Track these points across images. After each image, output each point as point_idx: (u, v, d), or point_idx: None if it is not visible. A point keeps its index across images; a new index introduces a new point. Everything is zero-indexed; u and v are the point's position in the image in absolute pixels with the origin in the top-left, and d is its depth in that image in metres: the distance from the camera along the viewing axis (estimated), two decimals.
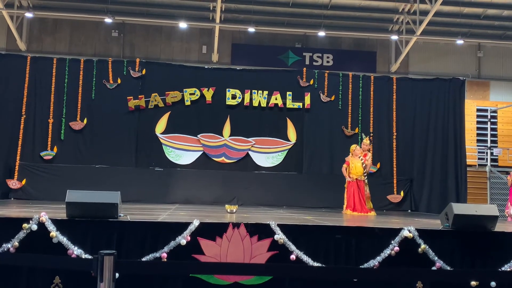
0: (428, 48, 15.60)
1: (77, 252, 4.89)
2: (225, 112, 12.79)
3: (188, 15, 14.50)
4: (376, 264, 5.26)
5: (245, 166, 12.77)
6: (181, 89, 12.72)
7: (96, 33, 14.67)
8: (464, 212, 5.59)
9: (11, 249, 4.90)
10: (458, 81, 13.36)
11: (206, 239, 5.16)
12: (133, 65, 12.71)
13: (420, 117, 13.20)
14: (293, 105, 12.94)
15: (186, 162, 12.61)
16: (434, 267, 5.30)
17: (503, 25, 15.22)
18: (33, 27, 14.59)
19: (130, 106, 12.49)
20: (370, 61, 15.39)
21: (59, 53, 13.97)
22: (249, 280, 5.14)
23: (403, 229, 5.42)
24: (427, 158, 13.00)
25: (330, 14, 14.73)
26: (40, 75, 12.36)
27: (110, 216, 5.27)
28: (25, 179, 11.77)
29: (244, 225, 5.23)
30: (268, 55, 14.92)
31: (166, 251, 5.05)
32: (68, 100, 12.36)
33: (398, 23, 15.10)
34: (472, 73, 15.67)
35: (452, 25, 15.09)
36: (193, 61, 14.61)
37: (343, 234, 5.51)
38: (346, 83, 13.17)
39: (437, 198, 12.63)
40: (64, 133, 12.29)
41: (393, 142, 13.06)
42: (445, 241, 5.54)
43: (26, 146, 12.08)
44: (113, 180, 11.58)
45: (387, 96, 13.22)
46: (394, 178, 12.86)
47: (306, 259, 5.18)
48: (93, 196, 5.30)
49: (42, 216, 5.01)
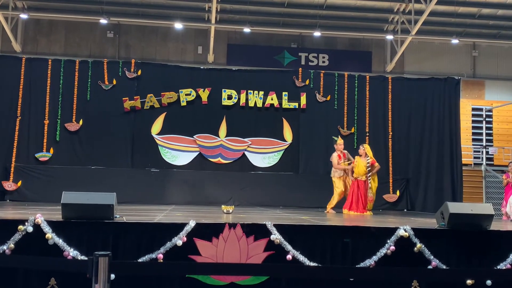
0: (423, 47, 15.63)
1: (73, 254, 4.88)
2: (221, 112, 12.79)
3: (183, 16, 14.48)
4: (372, 264, 5.27)
5: (241, 166, 12.77)
6: (177, 89, 12.70)
7: (91, 34, 14.64)
8: (459, 211, 5.60)
9: (7, 251, 4.89)
10: (453, 80, 13.40)
11: (202, 239, 5.16)
12: (129, 66, 12.69)
13: (416, 117, 13.23)
14: (289, 105, 12.94)
15: (182, 163, 12.60)
16: (430, 266, 5.31)
17: (498, 24, 15.27)
18: (28, 28, 14.55)
19: (126, 107, 12.47)
20: (366, 61, 15.42)
21: (54, 54, 13.94)
22: (246, 280, 5.14)
23: (399, 229, 5.44)
24: (423, 157, 13.03)
25: (326, 14, 14.75)
26: (35, 76, 12.33)
27: (106, 217, 5.26)
28: (20, 181, 11.74)
29: (241, 226, 5.23)
30: (264, 56, 14.92)
31: (162, 252, 5.05)
32: (64, 101, 12.33)
33: (393, 23, 15.13)
34: (467, 72, 15.71)
35: (447, 25, 15.12)
36: (189, 61, 14.60)
37: (339, 234, 5.52)
38: (342, 83, 13.19)
39: (432, 197, 12.66)
40: (59, 135, 12.25)
41: (388, 141, 13.09)
42: (441, 240, 5.56)
43: (21, 148, 12.05)
44: (109, 181, 11.56)
45: (383, 96, 13.25)
46: (390, 178, 12.89)
47: (302, 259, 5.18)
48: (88, 197, 5.29)
49: (37, 217, 5.00)
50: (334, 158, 10.36)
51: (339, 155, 10.36)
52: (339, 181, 10.34)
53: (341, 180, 10.34)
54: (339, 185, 10.31)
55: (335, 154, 10.41)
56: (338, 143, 10.53)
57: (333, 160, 10.37)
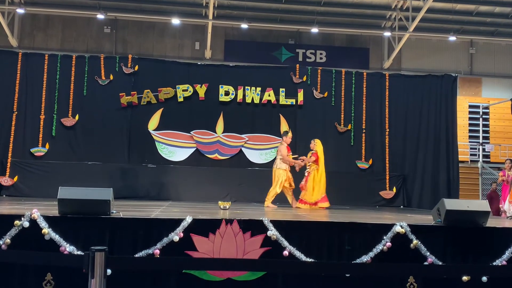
0: (421, 44, 15.66)
1: (70, 249, 4.88)
2: (218, 108, 12.76)
3: (180, 11, 14.46)
4: (369, 260, 5.28)
5: (238, 162, 12.76)
6: (174, 85, 12.67)
7: (88, 29, 14.60)
8: (456, 207, 5.62)
9: (3, 246, 4.88)
10: (450, 77, 13.41)
11: (199, 235, 5.16)
12: (126, 61, 12.65)
13: (413, 114, 13.23)
14: (286, 102, 12.93)
15: (179, 158, 12.57)
16: (426, 262, 5.33)
17: (495, 21, 15.30)
18: (24, 23, 14.50)
19: (123, 103, 12.43)
20: (363, 58, 15.44)
21: (51, 49, 13.89)
22: (242, 276, 5.15)
23: (395, 225, 5.45)
24: (419, 154, 13.04)
25: (323, 11, 14.75)
26: (32, 71, 12.26)
27: (103, 213, 5.26)
28: (17, 176, 11.70)
29: (237, 221, 5.23)
30: (261, 52, 14.92)
31: (158, 247, 5.05)
32: (60, 96, 12.27)
33: (391, 19, 15.15)
34: (464, 69, 15.75)
35: (445, 22, 15.14)
36: (186, 57, 14.58)
37: (336, 230, 5.53)
38: (339, 79, 13.18)
39: (429, 194, 12.67)
40: (55, 130, 12.20)
41: (385, 138, 13.09)
42: (437, 236, 5.58)
43: (17, 143, 11.99)
44: (105, 176, 11.53)
45: (380, 93, 13.24)
46: (386, 174, 12.90)
47: (299, 254, 5.19)
48: (85, 193, 5.28)
49: (34, 213, 4.99)
50: (284, 150, 10.28)
51: (288, 147, 10.35)
52: (284, 173, 10.28)
53: (286, 172, 10.29)
54: (282, 177, 10.25)
55: (284, 146, 10.37)
56: (288, 136, 10.48)
57: (283, 152, 10.27)
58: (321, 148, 10.47)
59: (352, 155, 12.94)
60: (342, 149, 12.89)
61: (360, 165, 12.92)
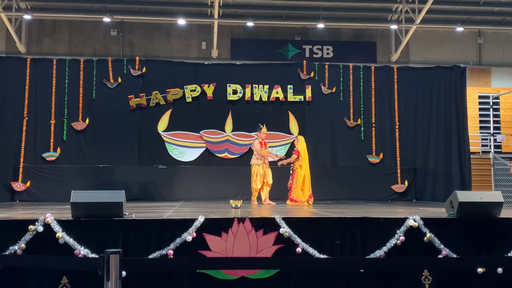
0: (428, 36, 15.54)
1: (84, 252, 4.91)
2: (226, 107, 12.77)
3: (186, 12, 14.48)
4: (382, 254, 5.26)
5: (248, 161, 12.72)
6: (182, 86, 12.70)
7: (95, 33, 14.66)
8: (468, 199, 5.59)
9: (18, 251, 4.92)
10: (459, 68, 13.31)
11: (212, 234, 5.18)
12: (133, 63, 12.70)
13: (422, 106, 13.15)
14: (294, 98, 12.90)
15: (189, 159, 12.61)
16: (440, 256, 5.30)
17: (502, 10, 15.14)
18: (31, 29, 14.59)
19: (132, 105, 12.49)
20: (370, 52, 15.35)
21: (58, 54, 13.97)
22: (256, 274, 5.16)
23: (408, 219, 5.43)
24: (430, 146, 12.96)
25: (329, 6, 14.69)
26: (41, 76, 12.35)
27: (115, 215, 5.29)
28: (29, 181, 11.80)
29: (249, 220, 5.24)
30: (268, 49, 14.89)
31: (172, 248, 5.08)
32: (69, 100, 12.34)
33: (397, 12, 15.05)
34: (473, 60, 15.61)
35: (452, 13, 15.02)
36: (193, 57, 14.59)
37: (348, 226, 5.52)
38: (347, 74, 13.13)
39: (441, 186, 12.60)
40: (66, 134, 12.28)
41: (395, 131, 13.03)
42: (451, 229, 5.55)
43: (29, 148, 12.08)
44: (117, 179, 11.62)
45: (388, 86, 13.18)
46: (398, 168, 12.84)
47: (312, 251, 5.19)
48: (97, 195, 5.32)
49: (47, 217, 5.03)
50: (257, 145, 10.27)
51: (261, 142, 10.33)
52: (260, 168, 10.24)
53: (260, 167, 10.27)
54: (258, 172, 10.20)
55: (257, 141, 10.35)
56: (262, 131, 10.46)
57: (256, 147, 10.27)
58: (303, 145, 10.47)
59: (363, 149, 12.90)
60: (352, 144, 12.86)
61: (371, 160, 12.87)
